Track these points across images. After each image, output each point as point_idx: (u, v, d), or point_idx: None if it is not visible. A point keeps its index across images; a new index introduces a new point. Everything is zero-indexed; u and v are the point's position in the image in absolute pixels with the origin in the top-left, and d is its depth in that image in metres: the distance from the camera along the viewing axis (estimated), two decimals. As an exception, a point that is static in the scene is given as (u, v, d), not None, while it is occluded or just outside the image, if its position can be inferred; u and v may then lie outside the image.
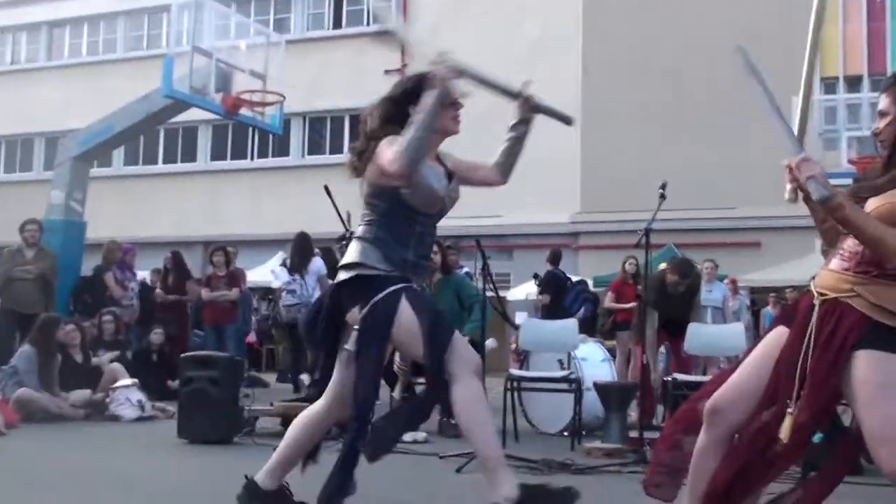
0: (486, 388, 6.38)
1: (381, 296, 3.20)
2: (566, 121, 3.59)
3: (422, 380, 7.35)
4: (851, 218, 2.60)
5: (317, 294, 9.32)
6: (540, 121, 3.87)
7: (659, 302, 7.80)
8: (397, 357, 6.76)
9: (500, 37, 20.83)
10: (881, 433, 2.52)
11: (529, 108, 3.50)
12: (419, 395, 3.65)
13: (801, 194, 2.77)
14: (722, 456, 2.74)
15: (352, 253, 3.33)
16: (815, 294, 2.73)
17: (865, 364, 2.57)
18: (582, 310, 11.27)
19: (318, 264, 9.10)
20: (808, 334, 2.67)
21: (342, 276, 3.33)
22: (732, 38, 16.58)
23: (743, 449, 2.73)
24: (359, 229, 3.42)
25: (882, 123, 2.84)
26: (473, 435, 3.21)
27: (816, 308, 2.70)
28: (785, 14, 18.59)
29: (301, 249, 9.20)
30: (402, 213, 3.32)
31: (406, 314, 3.20)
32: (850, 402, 2.61)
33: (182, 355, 6.79)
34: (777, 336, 2.81)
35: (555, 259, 11.98)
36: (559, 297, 11.39)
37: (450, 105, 3.40)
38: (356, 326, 3.24)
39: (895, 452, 2.50)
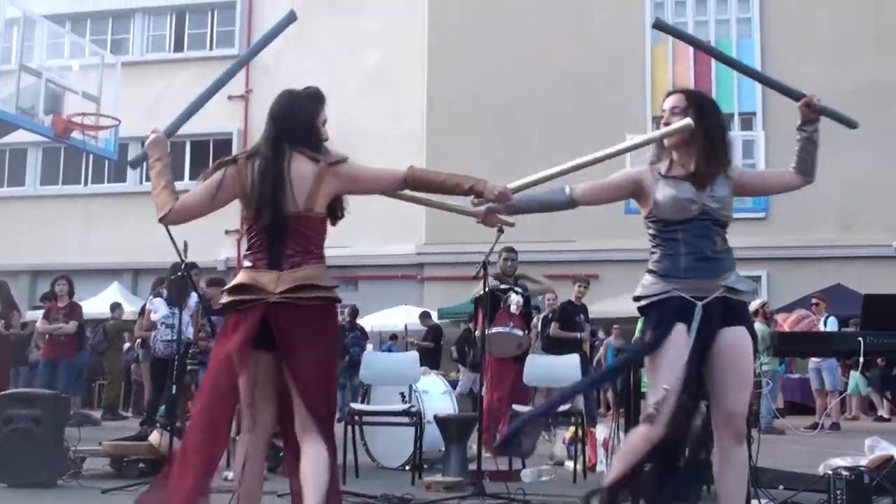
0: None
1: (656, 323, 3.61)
2: (850, 124, 3.90)
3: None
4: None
5: (190, 331, 8.98)
6: (385, 151, 3.92)
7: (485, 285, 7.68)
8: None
9: (342, 64, 20.89)
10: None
11: (812, 111, 3.76)
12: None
13: None
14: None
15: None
16: None
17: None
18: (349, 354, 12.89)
19: (195, 299, 8.79)
20: None
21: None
22: (567, 73, 17.36)
23: None
24: None
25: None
26: None
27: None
28: (613, 50, 19.49)
29: (178, 282, 8.80)
30: (662, 227, 3.69)
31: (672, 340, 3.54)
32: None
33: (1, 393, 6.39)
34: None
35: (352, 315, 14.69)
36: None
37: None
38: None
39: None
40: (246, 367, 3.52)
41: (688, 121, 3.71)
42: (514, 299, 7.55)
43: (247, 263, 3.60)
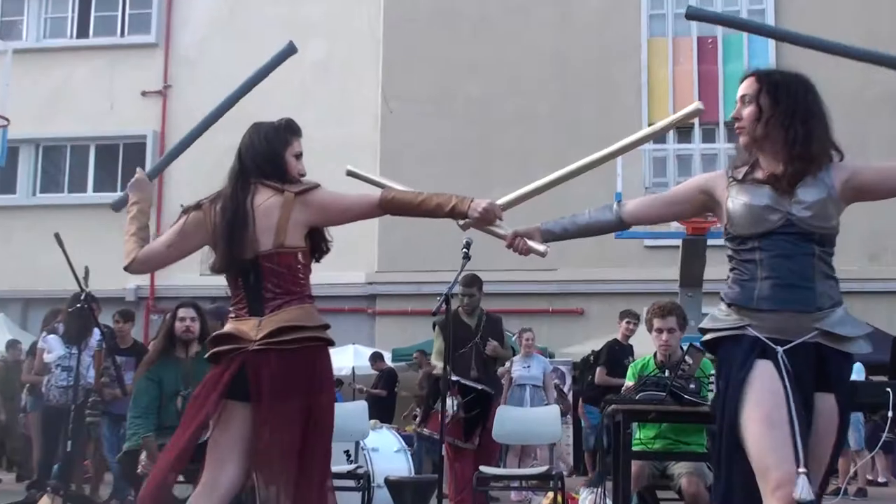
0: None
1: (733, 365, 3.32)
2: None
3: (179, 478, 7.07)
4: None
5: (91, 375, 8.86)
6: (332, 159, 3.98)
7: (448, 343, 7.37)
8: (143, 456, 6.50)
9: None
10: None
11: None
12: None
13: None
14: None
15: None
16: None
17: None
18: None
19: (97, 337, 8.68)
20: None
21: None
22: (549, 68, 17.41)
23: None
24: None
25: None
26: None
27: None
28: (604, 45, 19.65)
29: (78, 315, 8.69)
30: (738, 245, 3.42)
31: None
32: None
33: None
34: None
35: None
36: None
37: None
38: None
39: None
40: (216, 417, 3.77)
41: (696, 105, 3.67)
42: (448, 409, 7.32)
43: (231, 315, 3.86)
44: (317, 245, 3.96)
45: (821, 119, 3.40)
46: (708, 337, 3.42)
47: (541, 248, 3.75)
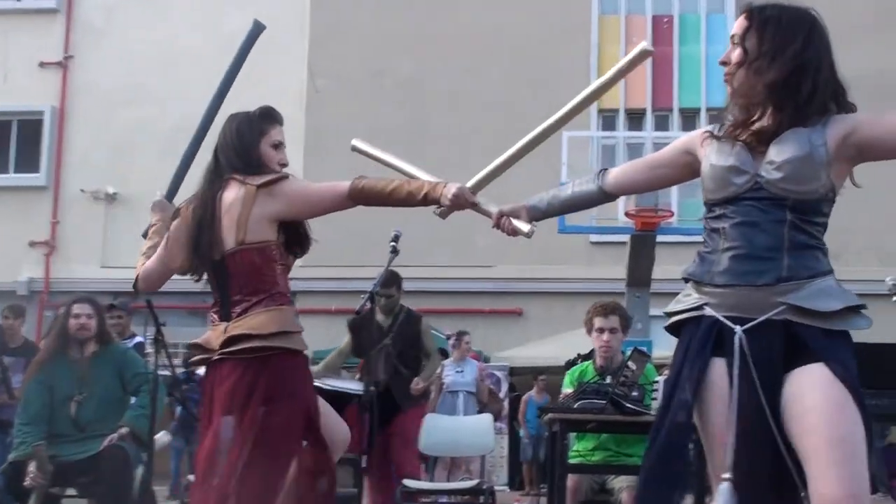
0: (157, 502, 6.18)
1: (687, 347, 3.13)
2: None
3: (71, 491, 6.98)
4: None
5: None
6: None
7: (358, 345, 7.54)
8: (32, 467, 6.37)
9: (197, 25, 20.64)
10: None
11: None
12: None
13: None
14: None
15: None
16: None
17: None
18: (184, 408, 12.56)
19: None
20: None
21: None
22: (490, 45, 17.33)
23: None
24: None
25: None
26: None
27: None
28: (552, 23, 19.70)
29: None
30: (707, 213, 3.18)
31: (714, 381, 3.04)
32: None
33: None
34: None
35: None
36: None
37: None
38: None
39: None
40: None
41: (642, 46, 3.68)
42: None
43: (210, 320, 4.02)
44: (293, 239, 4.00)
45: (806, 61, 3.06)
46: (669, 322, 3.22)
47: (525, 227, 3.70)
